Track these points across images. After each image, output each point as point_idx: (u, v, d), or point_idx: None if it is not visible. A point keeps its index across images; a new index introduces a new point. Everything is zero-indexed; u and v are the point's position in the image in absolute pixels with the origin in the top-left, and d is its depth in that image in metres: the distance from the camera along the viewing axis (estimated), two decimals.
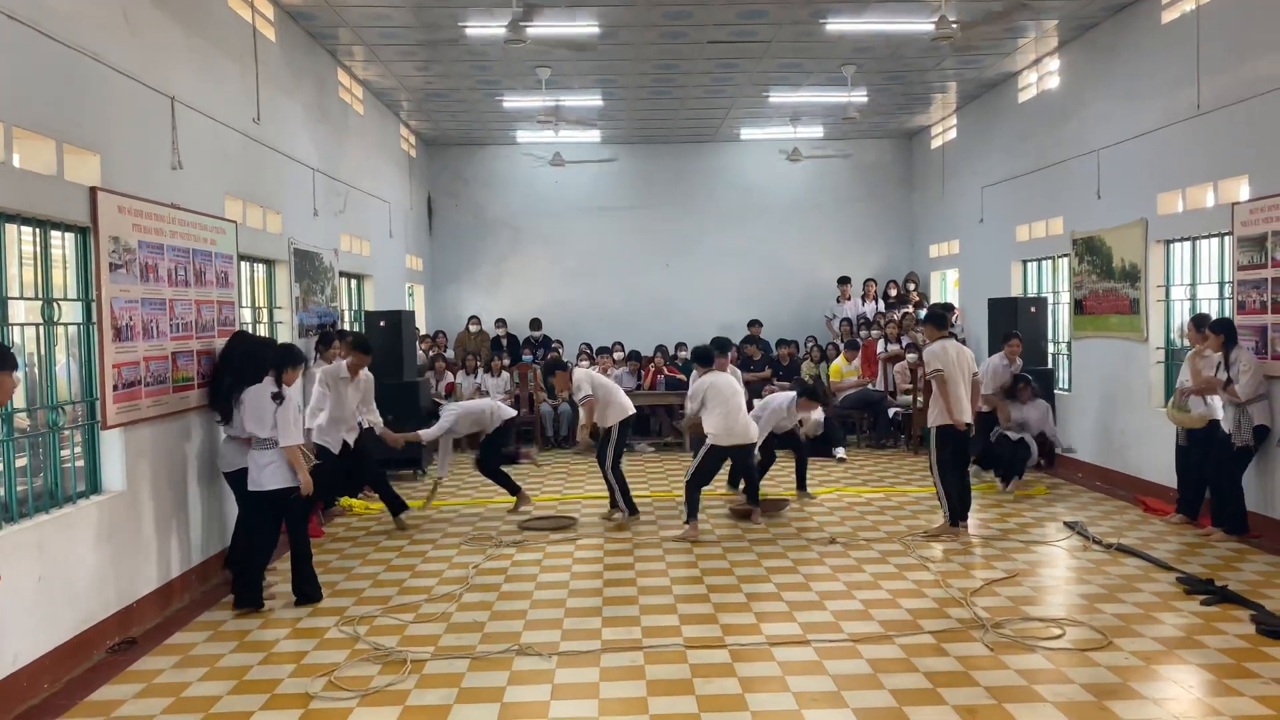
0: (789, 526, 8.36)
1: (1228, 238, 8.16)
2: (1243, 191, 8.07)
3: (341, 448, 7.96)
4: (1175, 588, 6.32)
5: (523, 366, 13.81)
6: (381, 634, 5.71)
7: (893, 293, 15.22)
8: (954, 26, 8.69)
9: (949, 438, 7.85)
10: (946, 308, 13.74)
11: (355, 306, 12.03)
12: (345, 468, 8.17)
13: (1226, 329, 7.48)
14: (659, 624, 5.78)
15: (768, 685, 4.82)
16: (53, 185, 5.29)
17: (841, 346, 13.64)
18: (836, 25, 9.92)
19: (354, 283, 12.05)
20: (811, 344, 14.28)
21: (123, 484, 5.88)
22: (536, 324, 15.42)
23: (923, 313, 14.13)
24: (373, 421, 8.67)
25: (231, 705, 4.73)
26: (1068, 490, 9.85)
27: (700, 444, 8.47)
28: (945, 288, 15.69)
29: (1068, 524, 8.15)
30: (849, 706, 4.56)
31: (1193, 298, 9.05)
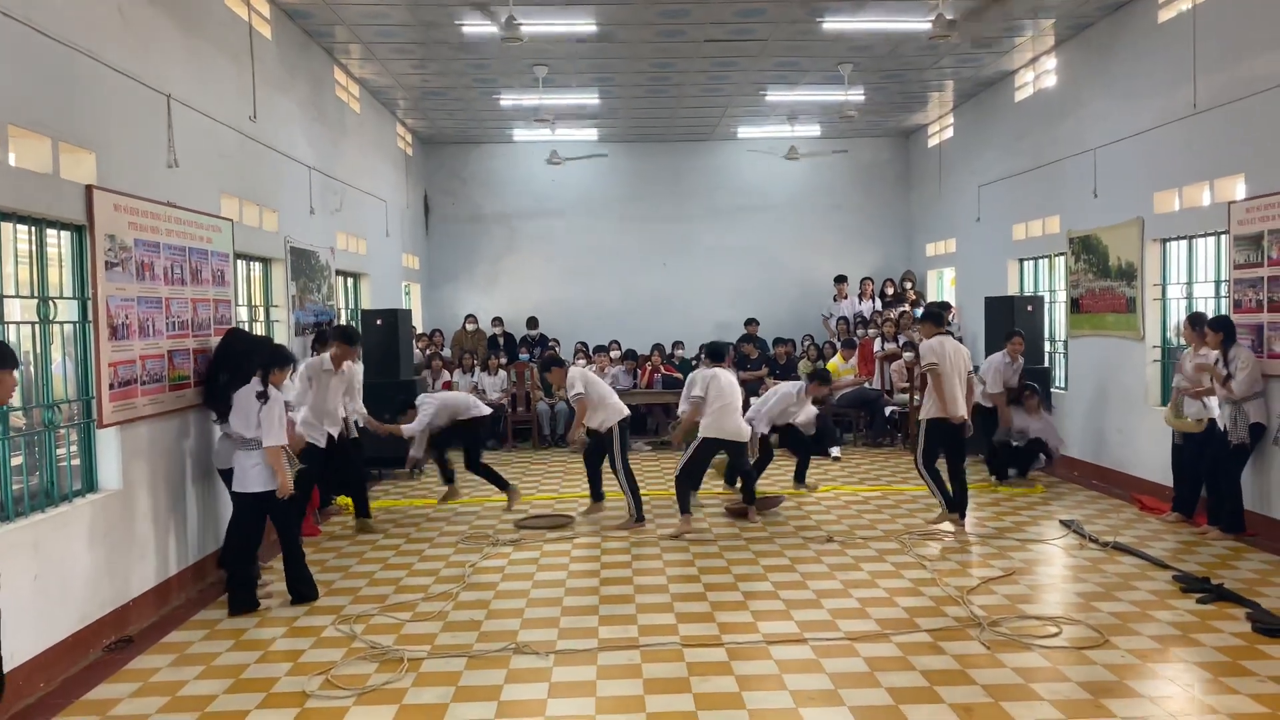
0: (786, 525, 8.37)
1: (1224, 236, 8.17)
2: (1239, 190, 8.09)
3: (329, 442, 7.92)
4: (1172, 586, 6.33)
5: (519, 365, 13.81)
6: (378, 632, 5.70)
7: (889, 291, 15.23)
8: (951, 22, 8.69)
9: (939, 431, 7.99)
10: (943, 306, 13.79)
11: (352, 305, 12.02)
12: (336, 465, 8.13)
13: (1225, 326, 7.49)
14: (656, 622, 5.78)
15: (765, 683, 4.83)
16: (48, 183, 5.28)
17: (838, 345, 13.66)
18: (833, 24, 9.93)
19: (350, 281, 12.04)
20: (808, 342, 14.29)
21: (119, 483, 5.87)
22: (533, 323, 15.42)
23: (919, 311, 14.16)
24: (358, 412, 8.60)
25: (228, 704, 4.73)
26: (1064, 488, 9.86)
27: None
28: (942, 286, 15.70)
29: (1064, 522, 8.17)
30: (846, 705, 4.56)
31: (1189, 296, 9.07)
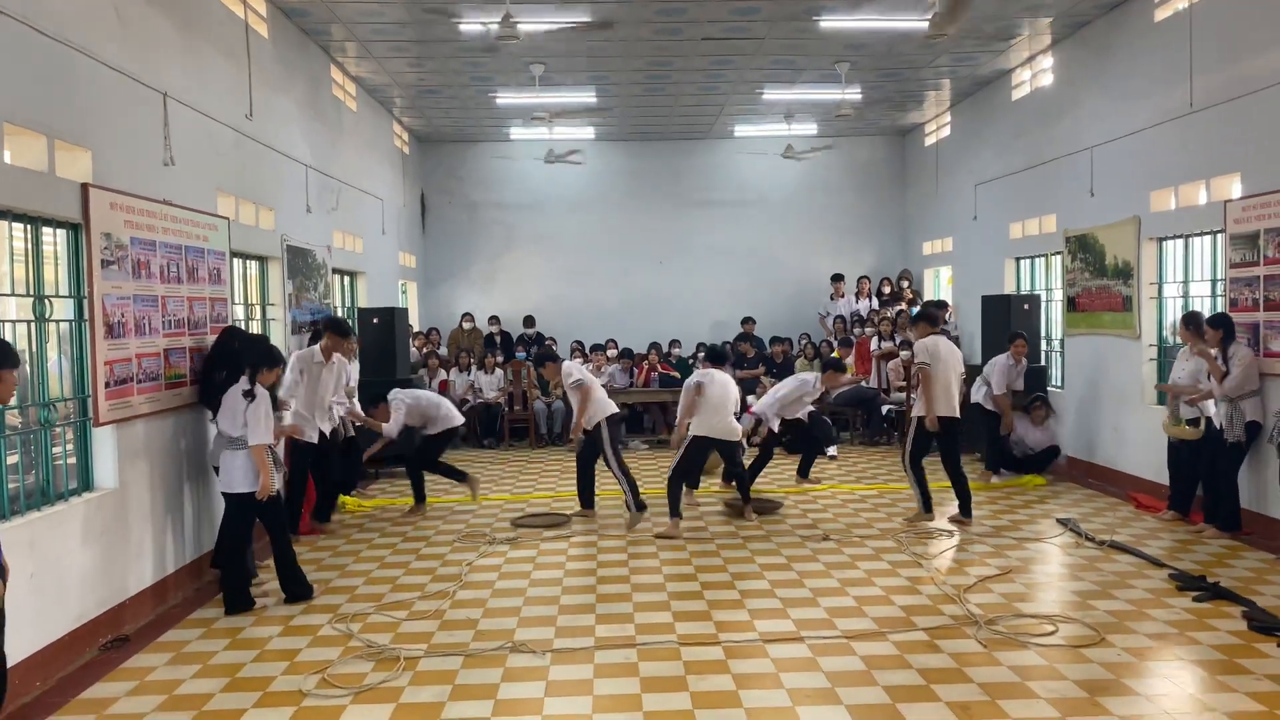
0: (782, 523, 8.38)
1: (1220, 235, 8.18)
2: (1235, 189, 8.10)
3: (320, 439, 7.89)
4: (1168, 584, 6.35)
5: (516, 363, 13.80)
6: (375, 631, 5.70)
7: (886, 290, 15.23)
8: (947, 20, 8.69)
9: (925, 429, 8.13)
10: (940, 305, 13.86)
11: (348, 303, 12.01)
12: (331, 462, 8.12)
13: (1225, 324, 7.50)
14: (653, 621, 5.79)
15: (761, 682, 4.83)
16: (44, 181, 5.27)
17: (835, 344, 13.66)
18: (830, 22, 9.92)
19: (347, 280, 12.03)
20: (805, 341, 14.30)
21: (115, 481, 5.86)
22: (530, 321, 15.41)
23: (916, 309, 14.16)
24: (341, 404, 8.51)
25: (224, 703, 4.72)
26: (1060, 487, 9.88)
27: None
28: (939, 285, 15.71)
29: (1060, 521, 8.18)
30: (842, 703, 4.56)
31: (1185, 295, 9.08)
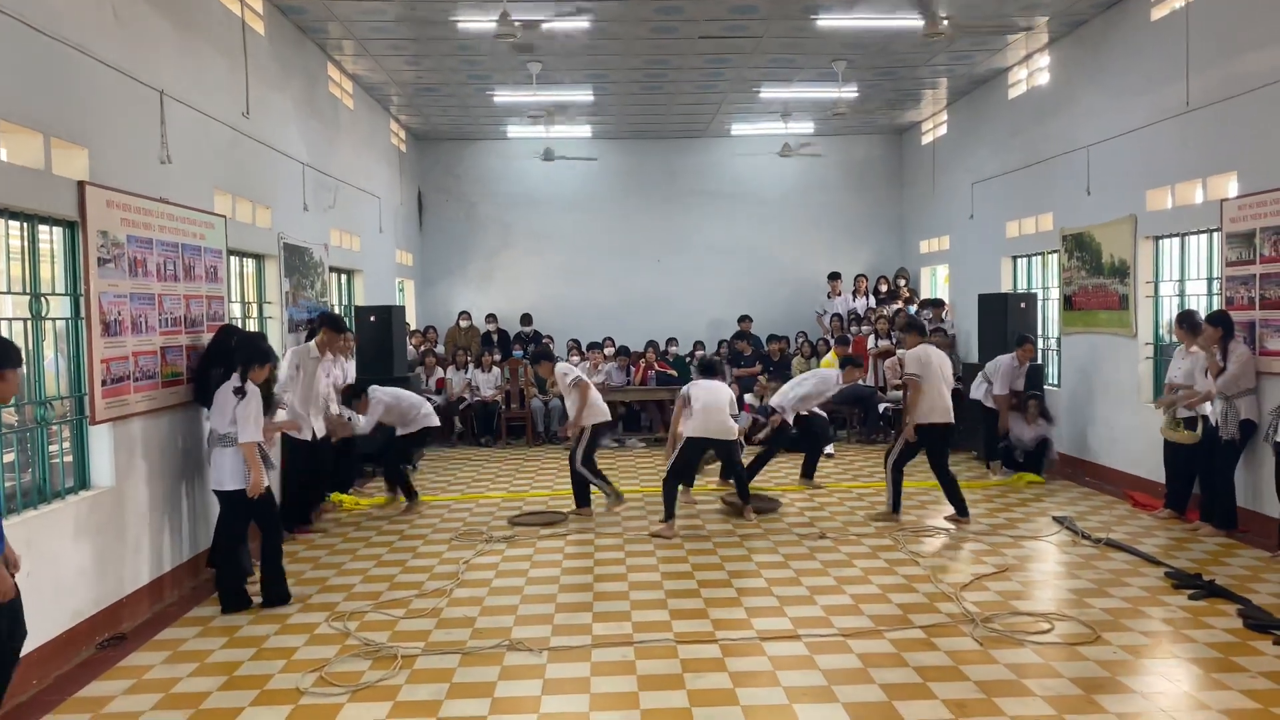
0: (779, 521, 8.38)
1: (1216, 234, 8.19)
2: (1231, 188, 8.11)
3: (314, 438, 7.87)
4: (1163, 582, 6.36)
5: (513, 362, 13.80)
6: (372, 629, 5.70)
7: (883, 288, 15.24)
8: (945, 23, 8.70)
9: (921, 435, 8.22)
10: (937, 303, 13.87)
11: (345, 301, 12.00)
12: (327, 461, 8.11)
13: (1223, 322, 7.49)
14: (649, 619, 5.79)
15: (758, 680, 4.84)
16: (40, 179, 5.26)
17: (832, 342, 13.66)
18: (827, 21, 9.92)
19: (344, 278, 12.01)
20: (802, 339, 14.30)
21: (111, 479, 5.86)
22: (527, 319, 15.42)
23: (913, 308, 14.20)
24: (330, 400, 8.51)
25: (221, 701, 4.72)
26: (1056, 485, 9.89)
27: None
28: (935, 283, 15.72)
29: (1056, 519, 8.19)
30: (839, 701, 4.57)
31: (1181, 294, 9.09)
